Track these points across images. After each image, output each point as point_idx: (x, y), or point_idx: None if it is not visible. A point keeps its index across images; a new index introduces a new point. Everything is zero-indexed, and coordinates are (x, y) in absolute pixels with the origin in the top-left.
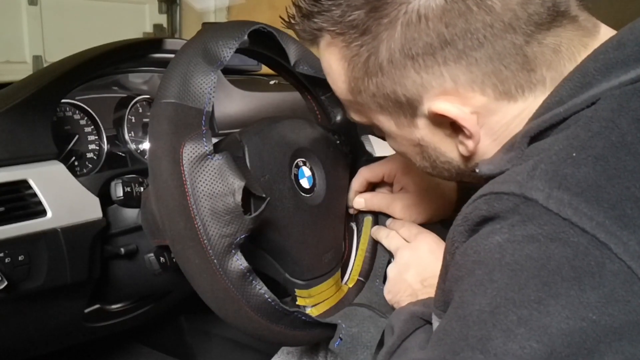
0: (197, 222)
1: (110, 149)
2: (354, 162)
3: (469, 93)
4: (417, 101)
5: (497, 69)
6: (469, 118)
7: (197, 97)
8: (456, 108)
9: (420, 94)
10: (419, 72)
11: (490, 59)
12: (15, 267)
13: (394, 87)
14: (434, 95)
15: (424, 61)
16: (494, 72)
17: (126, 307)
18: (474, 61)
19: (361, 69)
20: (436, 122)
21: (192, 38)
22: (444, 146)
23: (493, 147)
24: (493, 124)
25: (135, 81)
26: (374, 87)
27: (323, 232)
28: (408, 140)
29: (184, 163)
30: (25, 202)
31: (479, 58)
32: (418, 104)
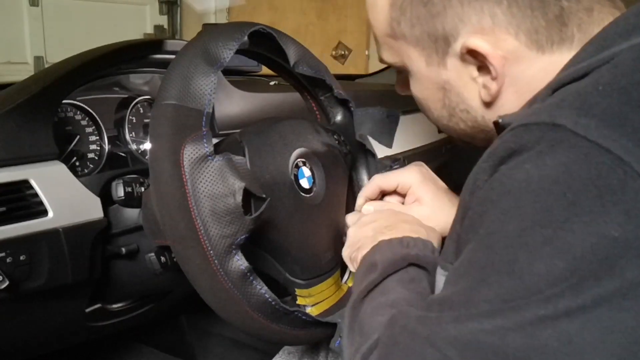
0: (198, 222)
1: (111, 150)
2: (354, 162)
3: (503, 34)
4: (453, 37)
5: (535, 15)
6: (498, 58)
7: (197, 99)
8: (489, 45)
9: (458, 29)
10: (462, 4)
11: (531, 5)
12: (17, 267)
13: (434, 19)
14: (470, 31)
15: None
16: (531, 18)
17: (127, 306)
18: (514, 3)
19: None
20: (465, 62)
21: (193, 39)
22: (467, 90)
23: (513, 100)
24: (518, 73)
25: (136, 82)
26: (415, 17)
27: (323, 231)
28: (434, 82)
29: (185, 164)
30: (26, 202)
31: (520, 1)
32: (453, 40)
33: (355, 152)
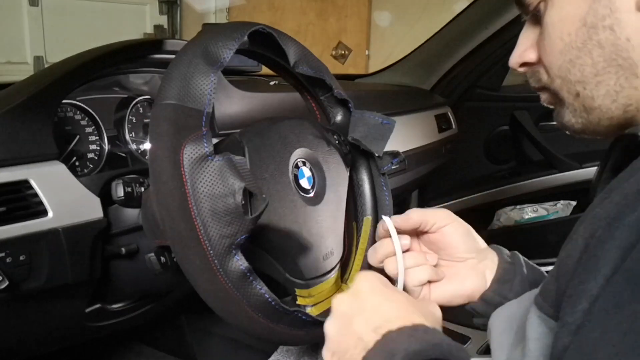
0: (198, 222)
1: (111, 149)
2: (354, 161)
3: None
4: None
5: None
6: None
7: (197, 98)
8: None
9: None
10: None
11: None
12: (17, 267)
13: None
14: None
15: None
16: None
17: (127, 306)
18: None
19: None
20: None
21: (192, 39)
22: (621, 1)
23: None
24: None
25: (136, 82)
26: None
27: (323, 232)
28: (584, 7)
29: (185, 164)
30: (26, 202)
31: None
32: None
33: (355, 152)
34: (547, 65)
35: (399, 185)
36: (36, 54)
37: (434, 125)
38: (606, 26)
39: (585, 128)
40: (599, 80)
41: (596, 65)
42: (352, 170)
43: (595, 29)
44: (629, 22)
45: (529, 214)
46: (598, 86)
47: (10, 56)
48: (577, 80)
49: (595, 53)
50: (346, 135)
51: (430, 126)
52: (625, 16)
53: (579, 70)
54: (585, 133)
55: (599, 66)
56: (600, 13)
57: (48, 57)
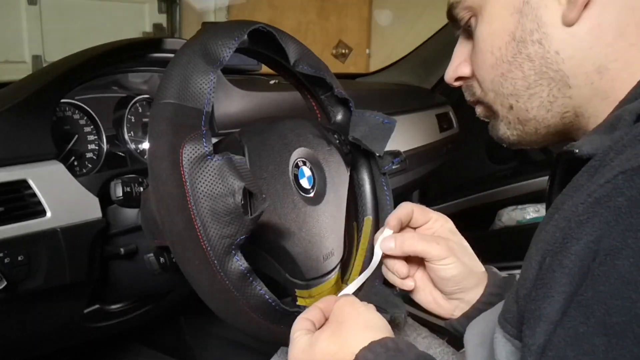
0: (197, 223)
1: (109, 149)
2: (354, 161)
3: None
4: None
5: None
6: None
7: (196, 98)
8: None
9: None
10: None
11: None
12: (15, 267)
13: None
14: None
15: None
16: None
17: (126, 307)
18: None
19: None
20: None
21: (192, 38)
22: (548, 12)
23: (594, 39)
24: (606, 18)
25: (135, 81)
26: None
27: (323, 232)
28: (510, 6)
29: (184, 164)
30: (24, 202)
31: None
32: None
33: (356, 151)
34: (479, 79)
35: (400, 185)
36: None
37: (435, 125)
38: (535, 40)
39: (521, 139)
40: (531, 93)
41: (527, 78)
42: (353, 170)
43: (524, 43)
44: (557, 36)
45: (530, 214)
46: (531, 98)
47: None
48: (510, 94)
49: (525, 66)
50: (347, 134)
51: (432, 126)
52: (552, 30)
53: (511, 84)
54: (522, 144)
55: (531, 79)
56: (528, 28)
57: (46, 56)
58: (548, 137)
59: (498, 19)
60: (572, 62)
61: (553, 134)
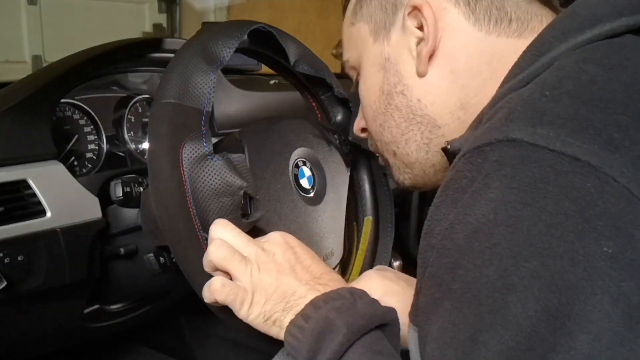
0: (196, 222)
1: (109, 149)
2: (355, 162)
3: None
4: (401, 2)
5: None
6: (434, 13)
7: (196, 97)
8: (429, 4)
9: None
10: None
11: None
12: (15, 267)
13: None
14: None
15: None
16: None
17: (126, 307)
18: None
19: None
20: (406, 33)
21: (192, 38)
22: (405, 66)
23: (449, 82)
24: (454, 46)
25: (135, 81)
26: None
27: (323, 232)
28: (377, 64)
29: (184, 164)
30: (24, 202)
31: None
32: (400, 6)
33: (356, 151)
34: (369, 130)
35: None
36: (35, 52)
37: None
38: (398, 92)
39: (415, 182)
40: (407, 139)
41: (399, 126)
42: (353, 170)
43: (390, 95)
44: (416, 86)
45: None
46: (408, 143)
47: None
48: (390, 141)
49: (396, 115)
50: (347, 135)
51: None
52: (411, 82)
53: (389, 132)
54: (418, 187)
55: (402, 126)
56: (392, 81)
57: (46, 56)
58: (438, 175)
59: (370, 75)
60: (435, 107)
61: (443, 171)
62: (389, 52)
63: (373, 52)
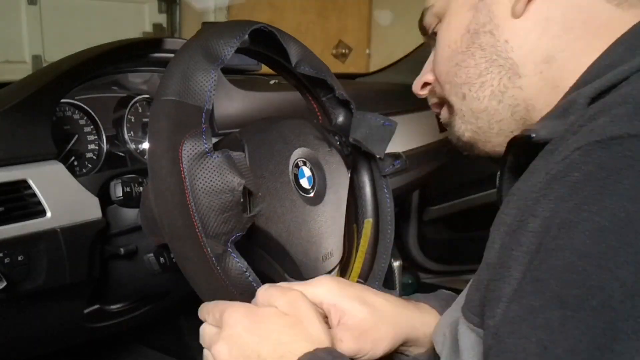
0: (196, 219)
1: (109, 149)
2: (355, 163)
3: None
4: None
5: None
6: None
7: (197, 95)
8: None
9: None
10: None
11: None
12: (15, 267)
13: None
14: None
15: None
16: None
17: (126, 307)
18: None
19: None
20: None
21: (193, 36)
22: (499, 6)
23: (541, 30)
24: (552, 14)
25: (135, 81)
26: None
27: (323, 232)
28: (467, 3)
29: (183, 160)
30: (24, 202)
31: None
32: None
33: (357, 153)
34: (437, 75)
35: (400, 186)
36: (34, 52)
37: (435, 125)
38: (486, 31)
39: (476, 136)
40: (482, 81)
41: (478, 65)
42: (353, 172)
43: (477, 34)
44: (506, 27)
45: None
46: (483, 87)
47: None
48: (463, 82)
49: (477, 55)
50: (347, 136)
51: (432, 126)
52: (502, 22)
53: (464, 72)
54: (477, 144)
55: (482, 67)
56: (482, 21)
57: (46, 56)
58: (501, 136)
59: (456, 16)
60: (521, 52)
61: (505, 134)
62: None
63: (462, 9)
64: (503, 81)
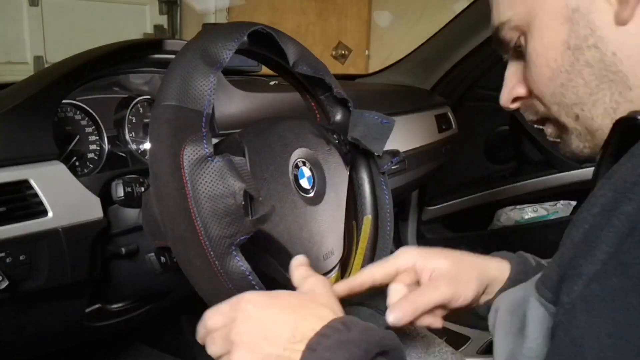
0: (198, 223)
1: (111, 149)
2: (354, 161)
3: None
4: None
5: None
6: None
7: (197, 99)
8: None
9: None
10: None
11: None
12: (16, 267)
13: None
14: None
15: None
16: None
17: (127, 306)
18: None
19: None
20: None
21: (192, 40)
22: (599, 15)
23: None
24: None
25: (136, 82)
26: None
27: (323, 231)
28: (560, 16)
29: (185, 165)
30: (26, 202)
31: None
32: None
33: (355, 151)
34: (539, 95)
35: (399, 185)
36: (36, 53)
37: (434, 125)
38: (590, 45)
39: (594, 151)
40: (595, 99)
41: (589, 84)
42: (352, 169)
43: (580, 49)
44: (612, 37)
45: (529, 214)
46: (595, 105)
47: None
48: (574, 103)
49: (585, 72)
50: (346, 134)
51: (430, 126)
52: (606, 32)
53: (573, 93)
54: (596, 157)
55: (592, 84)
56: (582, 34)
57: (48, 57)
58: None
59: (549, 31)
60: (631, 61)
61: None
62: (577, 2)
63: (554, 5)
64: (614, 97)
